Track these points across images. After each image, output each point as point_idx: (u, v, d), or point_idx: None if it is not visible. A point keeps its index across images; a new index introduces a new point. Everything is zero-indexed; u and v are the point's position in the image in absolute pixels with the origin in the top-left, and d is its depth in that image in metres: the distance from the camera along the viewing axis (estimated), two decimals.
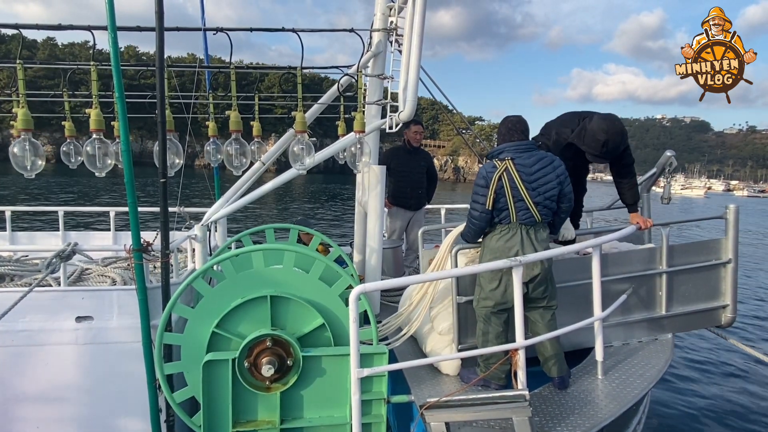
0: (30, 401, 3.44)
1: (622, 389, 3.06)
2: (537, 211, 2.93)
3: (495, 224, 3.04)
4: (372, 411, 2.96)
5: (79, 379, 3.45)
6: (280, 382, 2.94)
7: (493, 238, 3.04)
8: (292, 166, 3.70)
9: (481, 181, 2.98)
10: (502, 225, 3.00)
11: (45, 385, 3.41)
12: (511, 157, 2.95)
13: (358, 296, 2.55)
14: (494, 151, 3.07)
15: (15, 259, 4.49)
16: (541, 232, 3.02)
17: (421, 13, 3.59)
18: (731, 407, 6.12)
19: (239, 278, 3.03)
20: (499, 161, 2.97)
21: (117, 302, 3.46)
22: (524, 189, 2.90)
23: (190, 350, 2.99)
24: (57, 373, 3.42)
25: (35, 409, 3.44)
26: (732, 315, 3.83)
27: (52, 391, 3.43)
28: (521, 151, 2.98)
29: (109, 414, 3.50)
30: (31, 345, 3.39)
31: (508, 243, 2.97)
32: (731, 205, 3.71)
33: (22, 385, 3.40)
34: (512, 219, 2.95)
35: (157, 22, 2.93)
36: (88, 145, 3.43)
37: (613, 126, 3.33)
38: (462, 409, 2.52)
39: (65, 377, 3.44)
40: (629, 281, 3.65)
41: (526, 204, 2.91)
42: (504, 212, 2.95)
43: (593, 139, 3.36)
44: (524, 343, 2.78)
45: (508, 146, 3.01)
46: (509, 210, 2.93)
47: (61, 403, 3.44)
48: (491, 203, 2.93)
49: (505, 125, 3.12)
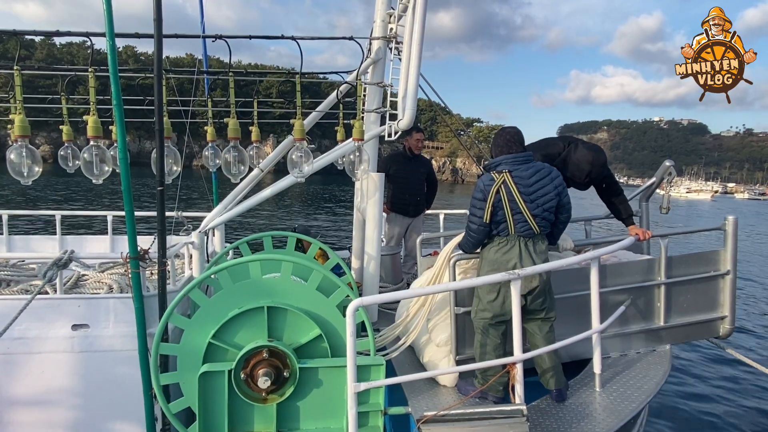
0: (25, 408, 3.42)
1: (619, 402, 3.06)
2: (535, 223, 2.92)
3: (493, 236, 3.03)
4: (369, 423, 2.94)
5: (75, 387, 3.43)
6: (276, 394, 2.92)
7: (492, 249, 3.03)
8: (290, 173, 3.69)
9: (479, 195, 2.97)
10: (500, 237, 3.00)
11: (40, 392, 3.40)
12: (509, 170, 2.94)
13: (355, 309, 2.54)
14: (492, 164, 3.05)
15: (11, 264, 4.46)
16: (539, 243, 3.02)
17: (421, 21, 3.58)
18: (727, 415, 6.13)
19: (236, 288, 3.01)
20: (496, 174, 2.96)
21: (113, 310, 3.45)
22: (522, 201, 2.90)
23: (186, 361, 2.97)
24: (52, 380, 3.40)
25: (30, 416, 3.42)
26: (730, 326, 3.82)
27: (47, 398, 3.42)
28: (519, 163, 2.97)
29: (104, 422, 3.48)
30: (27, 353, 3.37)
31: (506, 255, 2.97)
32: (730, 217, 3.70)
33: (18, 392, 3.38)
34: (510, 231, 2.94)
35: (156, 29, 2.91)
36: (85, 152, 3.42)
37: (598, 158, 3.49)
38: (459, 424, 2.51)
39: (60, 385, 3.42)
40: (628, 292, 3.64)
41: (524, 216, 2.90)
42: (502, 224, 2.94)
43: (578, 168, 3.51)
44: (522, 357, 2.77)
45: (505, 158, 3.00)
46: (507, 222, 2.92)
47: (56, 410, 3.43)
48: (489, 216, 2.93)
49: (503, 137, 3.09)
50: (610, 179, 3.75)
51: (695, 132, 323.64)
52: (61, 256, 3.34)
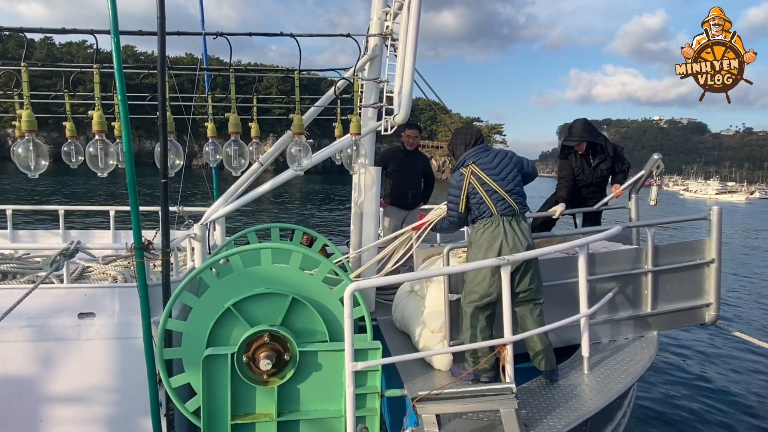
0: (36, 396, 3.53)
1: (606, 383, 3.17)
2: (512, 199, 3.20)
3: (477, 219, 3.28)
4: (366, 404, 3.06)
5: (81, 374, 3.55)
6: (277, 376, 3.04)
7: (478, 232, 3.25)
8: (289, 167, 3.81)
9: (454, 190, 3.35)
10: (484, 218, 3.23)
11: (48, 380, 3.51)
12: (473, 161, 3.28)
13: (352, 293, 2.65)
14: (458, 163, 3.38)
15: (17, 257, 4.57)
16: (522, 222, 3.26)
17: (416, 19, 3.69)
18: (714, 398, 6.26)
19: (247, 273, 3.14)
20: (464, 168, 3.28)
21: (118, 299, 3.56)
22: (493, 182, 3.21)
23: (191, 338, 3.09)
24: (59, 367, 3.52)
25: (42, 404, 3.54)
26: (715, 313, 3.94)
27: (56, 386, 3.53)
28: (480, 152, 3.32)
29: (110, 408, 3.60)
30: (34, 341, 3.49)
31: (492, 234, 3.17)
32: (714, 207, 3.82)
33: (27, 380, 3.50)
34: (493, 212, 3.19)
35: (159, 27, 3.02)
36: (90, 146, 3.53)
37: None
38: (452, 402, 2.63)
39: (67, 372, 3.53)
40: (616, 280, 3.76)
41: (500, 195, 3.19)
42: (482, 206, 3.21)
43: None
44: (512, 338, 2.89)
45: (467, 154, 3.35)
46: (487, 203, 3.19)
47: (66, 398, 3.55)
48: (464, 206, 3.30)
49: (460, 137, 3.45)
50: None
51: (695, 131, 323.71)
52: (68, 246, 3.45)
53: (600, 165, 4.83)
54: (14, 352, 3.48)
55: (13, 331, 3.43)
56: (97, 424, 3.61)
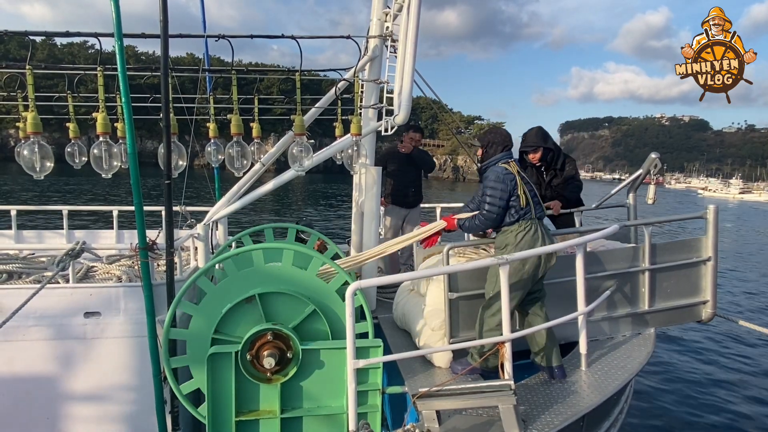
0: (43, 394, 3.59)
1: (604, 380, 3.22)
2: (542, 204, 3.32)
3: (514, 222, 3.25)
4: (368, 401, 3.11)
5: (88, 372, 3.61)
6: (280, 374, 3.08)
7: (518, 234, 3.22)
8: (291, 167, 3.85)
9: (499, 184, 3.21)
10: (524, 221, 3.23)
11: (55, 379, 3.57)
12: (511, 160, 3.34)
13: (354, 292, 2.70)
14: (498, 158, 3.34)
15: (22, 257, 4.63)
16: (544, 226, 3.34)
17: (415, 20, 3.73)
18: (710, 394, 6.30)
19: (241, 275, 3.18)
20: (507, 165, 3.28)
21: (124, 298, 3.62)
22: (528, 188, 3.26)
23: (195, 344, 3.14)
24: (65, 366, 3.58)
25: (49, 402, 3.60)
26: (712, 310, 3.98)
27: (63, 385, 3.59)
28: (510, 157, 3.39)
29: (118, 406, 3.66)
30: (41, 340, 3.54)
31: (533, 237, 3.21)
32: (710, 206, 3.86)
33: (35, 379, 3.56)
34: (532, 215, 3.23)
35: (162, 31, 3.06)
36: (95, 148, 3.58)
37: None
38: (452, 398, 2.68)
39: (74, 370, 3.59)
40: (614, 278, 3.81)
41: (538, 198, 3.28)
42: (524, 209, 3.21)
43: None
44: (511, 336, 2.93)
45: (505, 154, 3.35)
46: (529, 206, 3.22)
47: (73, 396, 3.61)
48: (524, 201, 3.21)
49: (500, 135, 3.43)
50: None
51: (697, 128, 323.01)
52: (74, 247, 3.51)
53: (552, 180, 4.79)
54: (21, 351, 3.54)
55: (20, 331, 3.49)
56: (103, 422, 3.67)
